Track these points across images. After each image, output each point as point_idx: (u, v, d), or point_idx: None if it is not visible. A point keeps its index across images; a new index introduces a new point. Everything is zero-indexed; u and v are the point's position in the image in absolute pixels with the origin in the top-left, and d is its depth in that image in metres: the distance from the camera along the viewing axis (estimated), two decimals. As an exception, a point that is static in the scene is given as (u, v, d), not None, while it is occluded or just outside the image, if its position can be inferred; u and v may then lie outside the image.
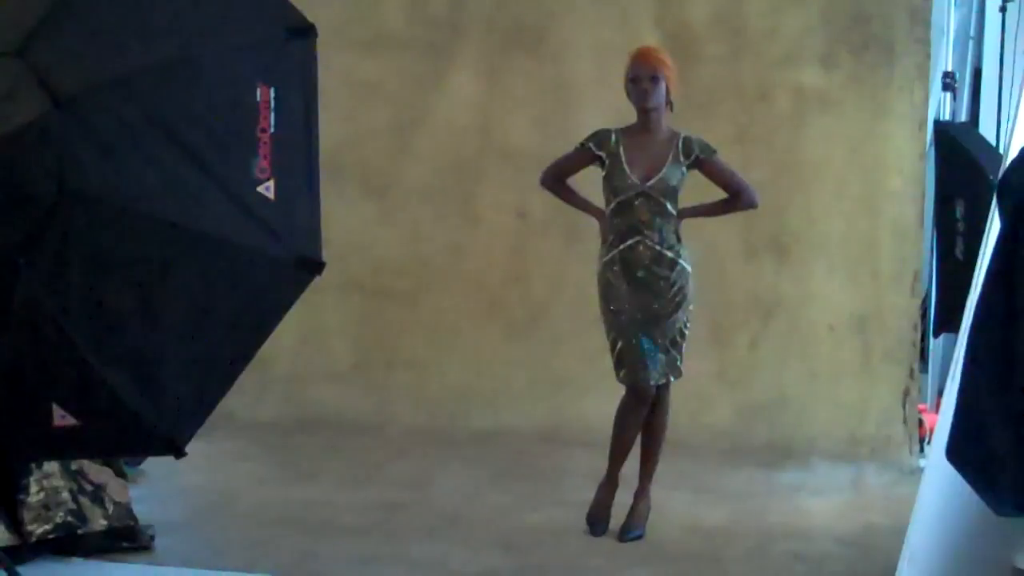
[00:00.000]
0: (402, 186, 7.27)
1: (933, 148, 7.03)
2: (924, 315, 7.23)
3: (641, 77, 5.26)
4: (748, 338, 6.97)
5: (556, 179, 5.45)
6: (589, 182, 5.46)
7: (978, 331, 3.10)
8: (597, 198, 5.42)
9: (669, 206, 5.27)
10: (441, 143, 7.21)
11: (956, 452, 3.18)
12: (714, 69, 6.95)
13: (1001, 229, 3.07)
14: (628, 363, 5.29)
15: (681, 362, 5.37)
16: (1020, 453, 2.95)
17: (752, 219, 6.75)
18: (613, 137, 5.31)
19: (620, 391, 5.39)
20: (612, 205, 5.30)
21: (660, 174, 5.25)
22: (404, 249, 7.27)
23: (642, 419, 5.41)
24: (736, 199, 5.40)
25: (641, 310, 5.27)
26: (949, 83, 7.43)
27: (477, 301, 7.21)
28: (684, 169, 5.29)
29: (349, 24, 7.17)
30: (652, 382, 5.31)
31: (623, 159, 5.27)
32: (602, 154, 5.30)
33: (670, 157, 5.27)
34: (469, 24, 7.19)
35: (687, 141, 5.30)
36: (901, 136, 6.80)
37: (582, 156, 5.37)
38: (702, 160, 5.31)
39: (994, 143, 7.05)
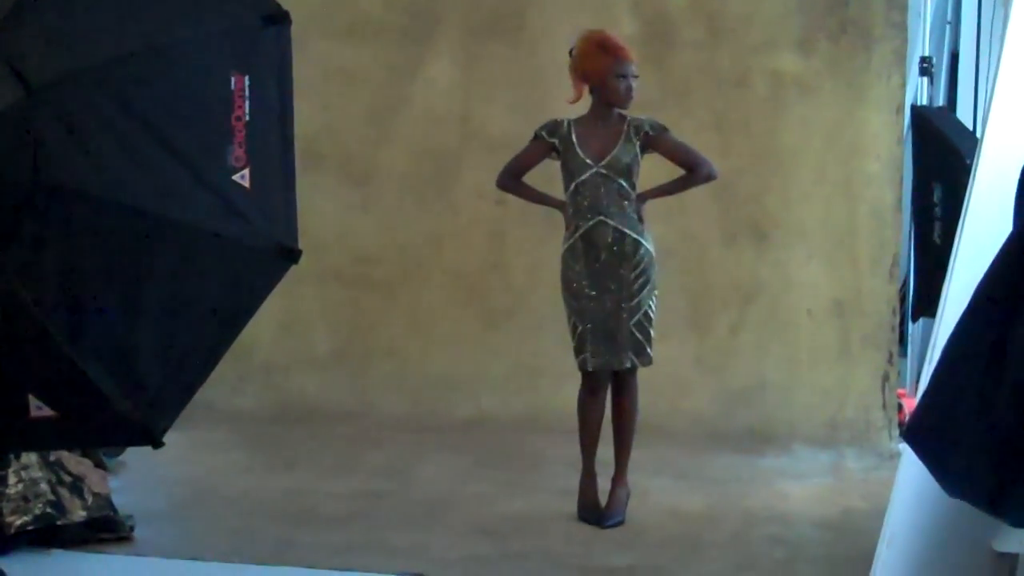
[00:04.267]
0: (380, 174, 7.25)
1: (911, 133, 7.05)
2: (903, 300, 7.26)
3: (628, 73, 5.30)
4: (727, 324, 6.98)
5: (514, 177, 5.48)
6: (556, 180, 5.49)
7: (969, 322, 3.10)
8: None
9: (625, 184, 5.29)
10: (419, 131, 7.20)
11: (915, 432, 3.21)
12: (691, 55, 6.96)
13: (1015, 227, 3.06)
14: (584, 348, 5.31)
15: (650, 348, 5.37)
16: (987, 445, 2.96)
17: (730, 205, 6.78)
18: (565, 125, 5.36)
19: (600, 378, 5.40)
20: (571, 189, 5.33)
21: (613, 153, 5.29)
22: (383, 237, 7.26)
23: (602, 405, 5.43)
24: (694, 173, 5.41)
25: (601, 294, 5.29)
26: (926, 68, 7.43)
27: (456, 289, 7.21)
28: (637, 149, 5.30)
29: (326, 11, 7.15)
30: (606, 368, 5.33)
31: (575, 143, 5.31)
32: (555, 141, 5.34)
33: (622, 137, 5.30)
34: (447, 11, 7.18)
35: (637, 121, 5.33)
36: (879, 121, 6.81)
37: (537, 147, 5.41)
38: (652, 137, 5.33)
39: (971, 127, 7.06)
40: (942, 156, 6.58)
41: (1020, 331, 2.93)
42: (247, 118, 3.06)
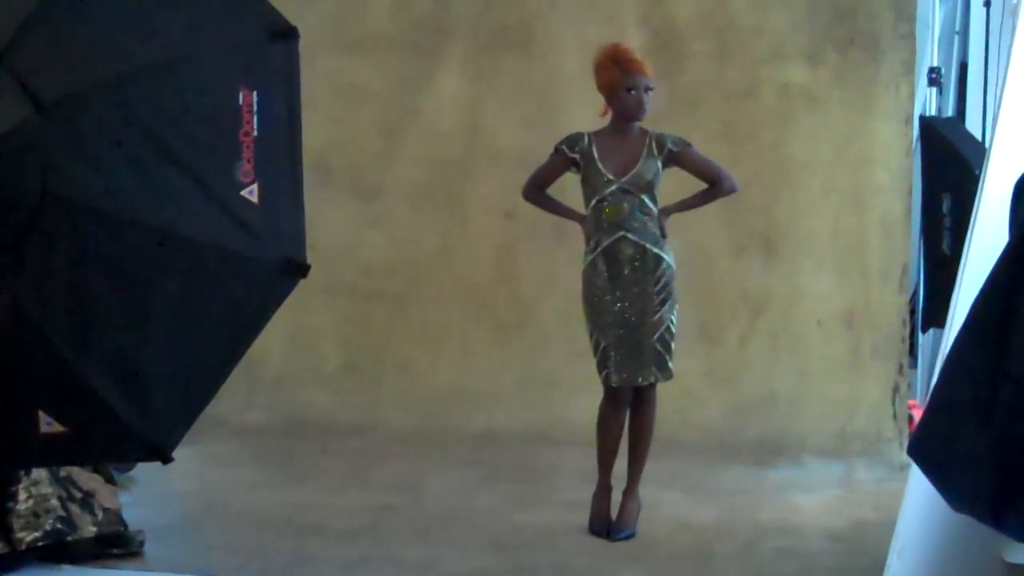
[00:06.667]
0: (390, 188, 7.26)
1: (919, 143, 7.04)
2: (913, 310, 7.25)
3: (639, 86, 5.27)
4: (737, 336, 6.97)
5: (538, 189, 5.47)
6: (568, 192, 5.48)
7: (967, 335, 3.10)
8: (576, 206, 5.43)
9: (647, 200, 5.29)
10: (429, 144, 7.21)
11: (919, 447, 3.20)
12: (700, 67, 6.96)
13: (1011, 236, 3.06)
14: (608, 364, 5.31)
15: (671, 362, 5.36)
16: (988, 459, 2.96)
17: (740, 216, 6.77)
18: (586, 139, 5.34)
19: (610, 391, 5.39)
20: (592, 204, 5.32)
21: (635, 169, 5.27)
22: (392, 251, 7.27)
23: (623, 420, 5.42)
24: (716, 187, 5.42)
25: (624, 309, 5.28)
26: (935, 78, 7.45)
27: (466, 302, 7.21)
28: (659, 164, 5.30)
29: (335, 26, 7.17)
30: (630, 384, 5.32)
31: (596, 158, 5.30)
32: (576, 156, 5.33)
33: (644, 152, 5.30)
34: (455, 25, 7.19)
35: (659, 137, 5.33)
36: (887, 132, 6.80)
37: (558, 161, 5.40)
38: (676, 153, 5.33)
39: (980, 138, 7.06)
40: (951, 167, 6.58)
41: (1017, 343, 2.93)
42: (255, 133, 3.07)
